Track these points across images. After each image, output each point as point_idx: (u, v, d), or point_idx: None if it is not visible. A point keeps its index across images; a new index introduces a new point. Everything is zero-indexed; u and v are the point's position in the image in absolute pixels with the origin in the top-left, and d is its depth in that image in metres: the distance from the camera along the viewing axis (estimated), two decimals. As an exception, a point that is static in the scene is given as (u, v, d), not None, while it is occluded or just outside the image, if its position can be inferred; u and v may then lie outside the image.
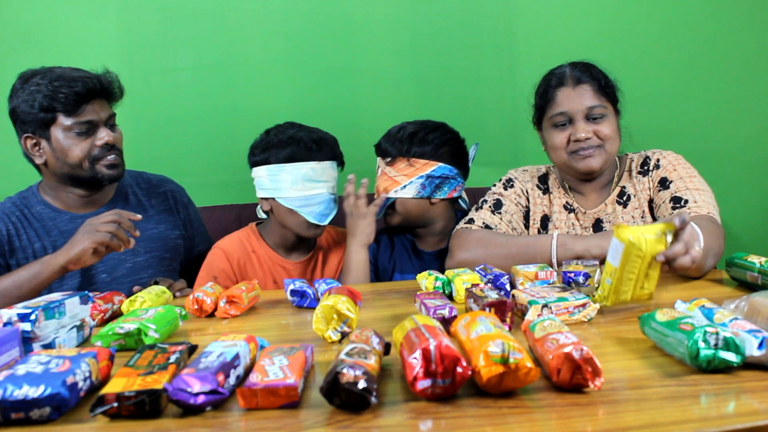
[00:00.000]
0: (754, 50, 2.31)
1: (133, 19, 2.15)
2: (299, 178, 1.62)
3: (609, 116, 1.52)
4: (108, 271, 1.59)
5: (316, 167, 1.63)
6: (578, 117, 1.50)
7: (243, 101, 2.19)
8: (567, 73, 1.54)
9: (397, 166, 1.66)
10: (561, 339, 0.75)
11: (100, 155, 1.53)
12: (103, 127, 1.53)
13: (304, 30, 2.20)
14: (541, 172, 1.71)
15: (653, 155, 1.60)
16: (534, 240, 1.45)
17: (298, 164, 1.62)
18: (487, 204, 1.63)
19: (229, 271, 1.70)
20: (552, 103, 1.54)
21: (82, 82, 1.48)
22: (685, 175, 1.51)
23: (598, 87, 1.51)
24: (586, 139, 1.50)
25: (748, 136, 2.33)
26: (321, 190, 1.64)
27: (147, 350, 0.84)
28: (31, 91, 1.47)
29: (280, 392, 0.71)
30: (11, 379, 0.71)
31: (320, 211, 1.64)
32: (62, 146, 1.50)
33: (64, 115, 1.48)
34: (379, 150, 1.71)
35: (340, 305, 0.97)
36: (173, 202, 1.75)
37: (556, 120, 1.53)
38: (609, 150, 1.52)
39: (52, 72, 1.49)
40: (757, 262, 1.19)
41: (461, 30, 2.25)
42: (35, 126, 1.49)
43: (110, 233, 1.35)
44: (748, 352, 0.76)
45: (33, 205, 1.60)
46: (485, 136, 2.10)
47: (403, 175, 1.65)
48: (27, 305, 0.95)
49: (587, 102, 1.50)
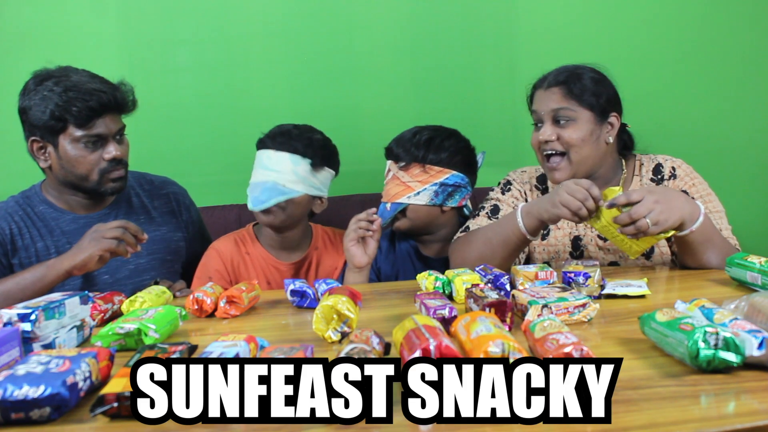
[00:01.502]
0: (754, 50, 2.31)
1: (133, 19, 2.15)
2: (257, 165, 1.67)
3: (579, 122, 1.49)
4: (110, 273, 1.59)
5: (272, 155, 1.64)
6: (545, 118, 1.52)
7: (243, 101, 2.19)
8: (547, 76, 1.56)
9: (411, 172, 1.64)
10: (561, 339, 0.75)
11: (109, 169, 1.53)
12: (112, 140, 1.52)
13: (304, 30, 2.20)
14: (539, 172, 1.71)
15: (666, 162, 1.61)
16: (504, 218, 1.48)
17: (260, 152, 1.68)
18: (484, 210, 1.64)
19: (223, 271, 1.70)
20: (531, 103, 1.58)
21: (97, 97, 1.47)
22: (704, 193, 1.55)
23: (568, 91, 1.50)
24: (547, 142, 1.50)
25: (748, 136, 2.33)
26: (266, 178, 1.63)
27: (147, 350, 0.84)
28: (44, 96, 1.46)
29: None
30: (11, 379, 0.71)
31: (256, 195, 1.64)
32: (69, 156, 1.50)
33: (74, 127, 1.48)
34: (391, 153, 1.68)
35: (340, 305, 0.97)
36: (176, 204, 1.75)
37: (533, 119, 1.57)
38: (575, 159, 1.49)
39: (68, 78, 1.48)
40: (757, 262, 1.18)
41: (461, 30, 2.25)
42: (44, 131, 1.49)
43: (117, 239, 1.36)
44: (748, 352, 0.76)
45: (36, 204, 1.60)
46: (485, 136, 2.10)
47: (417, 182, 1.64)
48: (27, 305, 0.94)
49: (553, 104, 1.50)
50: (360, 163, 1.91)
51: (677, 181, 1.57)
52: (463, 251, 1.52)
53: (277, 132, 1.68)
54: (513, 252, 1.45)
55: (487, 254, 1.44)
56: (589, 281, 1.19)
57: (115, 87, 1.53)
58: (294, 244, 1.77)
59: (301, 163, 1.65)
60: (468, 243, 1.52)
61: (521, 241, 1.42)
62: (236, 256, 1.73)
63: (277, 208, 1.64)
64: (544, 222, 1.38)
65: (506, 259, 1.45)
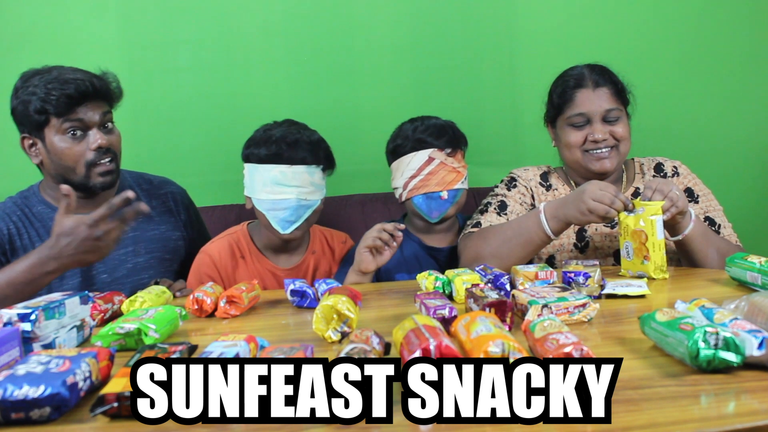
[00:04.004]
0: (754, 50, 2.30)
1: (133, 19, 2.15)
2: (269, 181, 1.59)
3: (623, 118, 1.58)
4: (108, 272, 1.59)
5: (286, 171, 1.58)
6: (596, 118, 1.56)
7: (243, 101, 2.19)
8: (586, 75, 1.59)
9: (457, 158, 1.67)
10: (561, 339, 0.75)
11: (96, 160, 1.50)
12: (96, 129, 1.50)
13: (304, 30, 2.20)
14: (542, 170, 1.73)
15: (666, 162, 1.68)
16: (526, 217, 1.48)
17: (268, 166, 1.59)
18: (491, 206, 1.64)
19: (216, 277, 1.66)
20: (571, 103, 1.59)
21: (74, 85, 1.46)
22: (706, 191, 1.63)
23: (616, 91, 1.58)
24: (602, 140, 1.56)
25: (747, 135, 2.33)
26: (288, 196, 1.58)
27: (147, 350, 0.84)
28: (29, 92, 1.46)
29: (280, 392, 0.71)
30: (11, 379, 0.71)
31: (284, 217, 1.60)
32: (56, 148, 1.49)
33: (55, 117, 1.47)
34: (434, 140, 1.64)
35: (341, 305, 0.97)
36: (174, 204, 1.75)
37: (575, 120, 1.58)
38: (622, 151, 1.59)
39: (50, 73, 1.48)
40: (757, 262, 1.19)
41: (461, 30, 2.25)
42: (31, 127, 1.49)
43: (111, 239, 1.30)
44: (748, 352, 0.76)
45: (34, 204, 1.60)
46: (485, 136, 2.11)
47: (462, 166, 1.67)
48: (27, 305, 0.94)
49: (605, 105, 1.56)
50: (360, 163, 1.91)
51: (681, 178, 1.65)
52: (476, 247, 1.51)
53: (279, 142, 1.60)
54: (533, 251, 1.47)
55: (504, 252, 1.45)
56: (589, 281, 1.19)
57: (94, 75, 1.52)
58: (294, 246, 1.74)
59: (316, 172, 1.62)
60: (483, 239, 1.51)
61: (543, 242, 1.44)
62: (230, 261, 1.69)
63: (304, 223, 1.64)
64: (571, 224, 1.42)
65: (524, 258, 1.46)
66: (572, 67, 1.64)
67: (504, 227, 1.51)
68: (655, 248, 1.33)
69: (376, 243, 1.51)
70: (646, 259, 1.33)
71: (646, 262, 1.34)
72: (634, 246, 1.35)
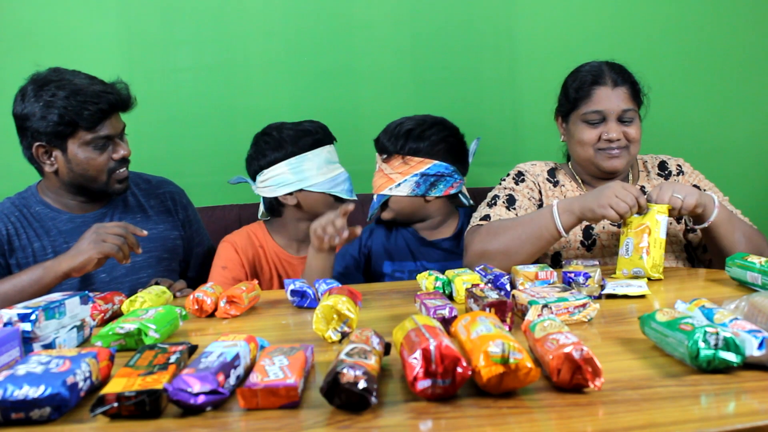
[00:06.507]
0: (754, 50, 2.30)
1: (133, 19, 2.15)
2: (323, 163, 1.71)
3: (636, 120, 1.58)
4: (107, 271, 1.59)
5: (331, 149, 1.75)
6: (612, 117, 1.55)
7: (243, 101, 2.19)
8: (605, 72, 1.57)
9: (392, 164, 1.67)
10: (561, 339, 0.75)
11: (116, 168, 1.56)
12: (119, 140, 1.55)
13: (304, 30, 2.20)
14: (549, 166, 1.72)
15: (669, 160, 1.70)
16: (537, 213, 1.47)
17: (318, 150, 1.71)
18: (500, 200, 1.62)
19: (237, 260, 1.73)
20: (588, 100, 1.57)
21: (105, 99, 1.49)
22: (711, 185, 1.64)
23: (633, 91, 1.58)
24: (616, 140, 1.55)
25: (747, 135, 2.33)
26: (340, 170, 1.76)
27: (147, 350, 0.84)
28: (47, 102, 1.46)
29: (280, 392, 0.71)
30: (11, 379, 0.71)
31: (347, 188, 1.76)
32: (80, 159, 1.51)
33: (84, 131, 1.49)
34: (377, 145, 1.72)
35: (341, 305, 0.97)
36: (172, 204, 1.75)
37: (590, 117, 1.57)
38: (632, 152, 1.59)
39: (70, 82, 1.48)
40: (757, 262, 1.18)
41: (461, 30, 2.25)
42: (51, 137, 1.49)
43: (117, 246, 1.36)
44: (748, 352, 0.76)
45: (32, 205, 1.60)
46: (485, 136, 2.10)
47: (397, 173, 1.66)
48: (27, 305, 0.94)
49: (623, 105, 1.55)
50: (360, 163, 1.91)
51: (686, 176, 1.66)
52: (484, 242, 1.49)
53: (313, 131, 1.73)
54: (543, 248, 1.45)
55: (513, 248, 1.44)
56: (589, 281, 1.19)
57: (115, 87, 1.55)
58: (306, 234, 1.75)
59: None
60: (492, 234, 1.49)
61: (554, 238, 1.43)
62: (251, 248, 1.78)
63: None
64: (583, 220, 1.41)
65: (532, 255, 1.45)
66: (589, 62, 1.63)
67: (513, 223, 1.49)
68: (656, 245, 1.33)
69: (323, 234, 1.49)
70: (646, 253, 1.33)
71: (644, 256, 1.33)
72: (635, 242, 1.35)
